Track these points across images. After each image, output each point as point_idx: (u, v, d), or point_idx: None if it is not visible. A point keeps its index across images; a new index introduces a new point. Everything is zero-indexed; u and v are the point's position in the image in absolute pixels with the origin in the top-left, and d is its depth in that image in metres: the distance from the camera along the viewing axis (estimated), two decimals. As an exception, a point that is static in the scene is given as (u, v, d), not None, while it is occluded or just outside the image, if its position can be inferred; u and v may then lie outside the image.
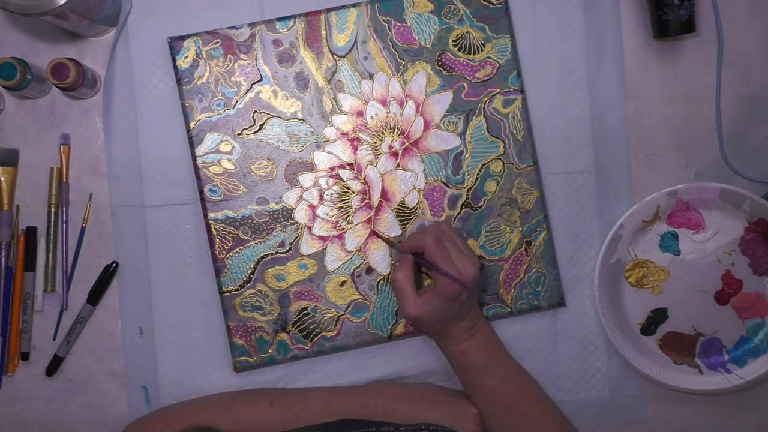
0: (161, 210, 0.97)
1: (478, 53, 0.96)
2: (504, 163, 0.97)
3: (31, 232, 0.97)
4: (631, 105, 0.99)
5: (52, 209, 0.97)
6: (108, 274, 0.97)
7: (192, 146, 0.95)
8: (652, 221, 0.98)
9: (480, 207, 0.97)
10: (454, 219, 0.96)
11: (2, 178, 0.96)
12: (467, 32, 0.96)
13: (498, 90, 0.96)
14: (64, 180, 0.97)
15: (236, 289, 0.96)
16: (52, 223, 0.97)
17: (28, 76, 0.91)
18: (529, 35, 0.97)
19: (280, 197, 0.96)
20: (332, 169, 0.96)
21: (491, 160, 0.97)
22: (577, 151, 0.98)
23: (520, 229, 0.97)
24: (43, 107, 0.98)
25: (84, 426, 0.98)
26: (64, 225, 0.98)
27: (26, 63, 0.91)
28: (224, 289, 0.95)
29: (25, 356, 0.98)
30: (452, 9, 0.96)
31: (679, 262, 0.99)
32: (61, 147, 0.97)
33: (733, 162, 0.99)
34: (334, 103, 0.96)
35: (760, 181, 0.99)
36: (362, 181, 0.96)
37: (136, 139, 0.97)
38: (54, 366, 0.97)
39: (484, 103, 0.96)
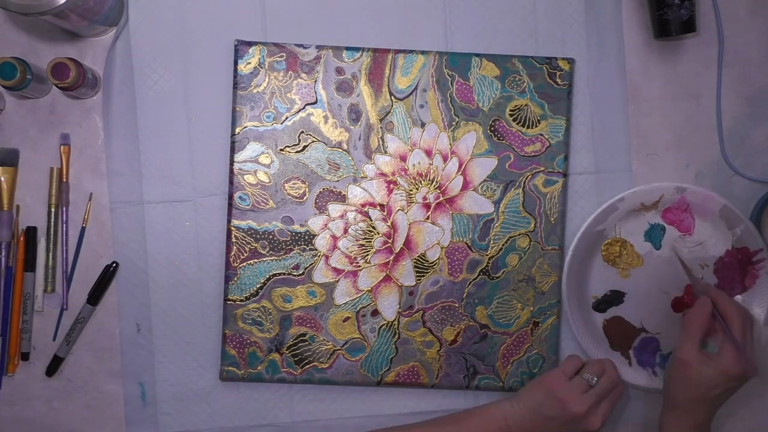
0: (160, 206, 0.97)
1: (532, 128, 0.97)
2: (531, 241, 0.97)
3: (31, 232, 0.97)
4: (631, 105, 1.00)
5: (52, 209, 0.97)
6: (108, 274, 0.97)
7: (232, 150, 0.95)
8: (649, 208, 0.98)
9: (498, 277, 0.97)
10: (469, 283, 0.96)
11: (2, 178, 0.95)
12: (526, 105, 0.96)
13: (542, 168, 0.97)
14: (64, 180, 0.97)
15: (241, 300, 0.95)
16: (52, 223, 0.97)
17: (28, 76, 0.91)
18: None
19: (306, 221, 0.95)
20: (363, 205, 0.96)
21: (519, 235, 0.97)
22: (577, 151, 0.99)
23: (531, 309, 0.97)
24: (43, 107, 0.97)
25: (84, 426, 0.98)
26: (64, 225, 0.97)
27: (26, 63, 0.91)
28: (229, 297, 0.95)
29: (25, 356, 0.97)
30: (517, 79, 0.96)
31: (655, 256, 0.99)
32: (61, 147, 0.97)
33: (734, 162, 1.00)
34: (381, 142, 0.96)
35: (760, 180, 1.00)
36: (389, 224, 0.96)
37: (135, 135, 0.97)
38: (54, 366, 0.97)
39: (526, 178, 0.96)
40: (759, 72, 1.00)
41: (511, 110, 0.96)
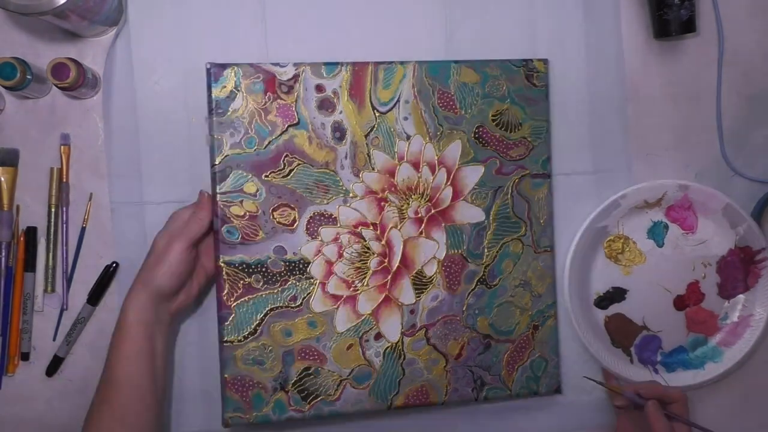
0: (160, 207, 0.94)
1: (515, 132, 0.96)
2: (523, 245, 0.96)
3: (31, 232, 0.95)
4: (631, 105, 1.00)
5: (52, 209, 0.95)
6: (108, 274, 0.95)
7: (214, 182, 0.89)
8: (652, 205, 0.99)
9: (495, 285, 0.96)
10: (468, 294, 0.95)
11: (2, 178, 0.94)
12: (507, 109, 0.95)
13: (528, 171, 0.96)
14: (64, 180, 0.95)
15: (239, 341, 0.89)
16: (52, 223, 0.95)
17: (28, 76, 0.89)
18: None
19: (299, 249, 0.90)
20: (355, 226, 0.92)
21: (511, 240, 0.96)
22: (577, 151, 0.99)
23: (530, 313, 0.97)
24: (43, 107, 0.95)
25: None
26: (64, 225, 0.95)
27: (26, 63, 0.89)
28: (226, 339, 0.89)
29: (25, 356, 0.95)
30: (496, 84, 0.95)
31: (658, 254, 1.01)
32: (61, 147, 0.95)
33: (734, 162, 1.02)
34: (368, 159, 0.92)
35: (760, 180, 1.02)
36: (383, 243, 0.93)
37: (136, 136, 0.94)
38: (54, 366, 0.95)
39: (513, 182, 0.96)
40: (759, 72, 1.02)
41: (493, 115, 0.95)
